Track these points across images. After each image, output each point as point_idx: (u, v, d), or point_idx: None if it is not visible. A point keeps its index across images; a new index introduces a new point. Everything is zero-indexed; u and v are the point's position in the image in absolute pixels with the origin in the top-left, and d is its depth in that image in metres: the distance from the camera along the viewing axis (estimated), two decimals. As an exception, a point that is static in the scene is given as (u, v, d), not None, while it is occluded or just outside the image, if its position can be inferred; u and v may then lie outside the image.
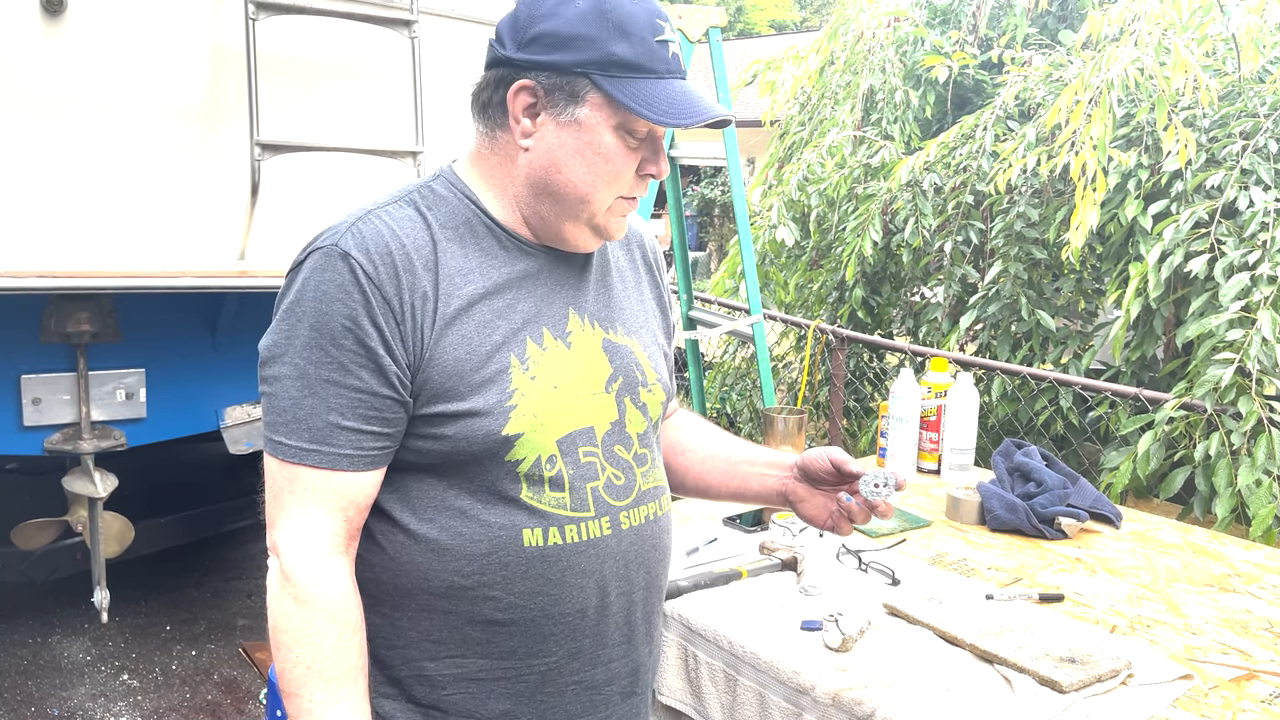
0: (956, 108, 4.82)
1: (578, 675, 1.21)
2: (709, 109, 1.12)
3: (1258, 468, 2.74)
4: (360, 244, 1.10)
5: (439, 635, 1.17)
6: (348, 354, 1.08)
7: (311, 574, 1.09)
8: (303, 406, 1.09)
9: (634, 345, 1.28)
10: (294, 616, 1.09)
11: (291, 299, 1.12)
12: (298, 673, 1.08)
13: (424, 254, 1.13)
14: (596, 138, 1.12)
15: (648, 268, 1.39)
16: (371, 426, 1.10)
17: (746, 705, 1.55)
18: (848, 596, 1.73)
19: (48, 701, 3.36)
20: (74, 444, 3.05)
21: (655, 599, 1.30)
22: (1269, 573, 1.94)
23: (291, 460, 1.10)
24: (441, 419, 1.12)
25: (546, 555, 1.15)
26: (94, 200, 2.78)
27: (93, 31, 2.67)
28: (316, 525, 1.10)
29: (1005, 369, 3.56)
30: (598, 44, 1.09)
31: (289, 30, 2.88)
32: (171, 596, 4.19)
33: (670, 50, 1.13)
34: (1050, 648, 1.48)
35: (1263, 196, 3.10)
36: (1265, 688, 1.47)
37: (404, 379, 1.11)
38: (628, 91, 1.10)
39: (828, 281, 4.86)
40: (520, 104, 1.13)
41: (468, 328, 1.13)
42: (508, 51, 1.13)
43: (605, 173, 1.14)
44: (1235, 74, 3.57)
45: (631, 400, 1.25)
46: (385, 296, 1.09)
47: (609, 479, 1.20)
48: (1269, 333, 2.80)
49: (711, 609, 1.67)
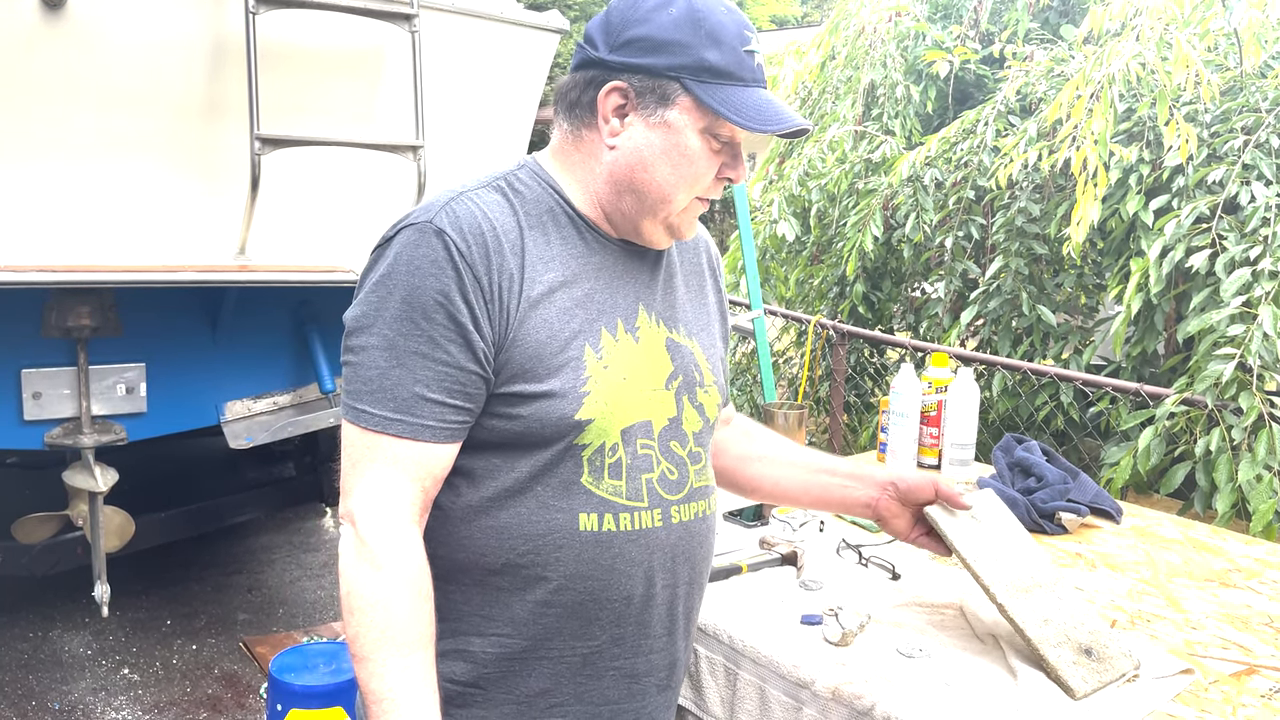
0: (958, 103, 4.81)
1: (618, 662, 1.25)
2: (791, 118, 1.17)
3: (1258, 463, 2.74)
4: (454, 222, 1.13)
5: (489, 611, 1.20)
6: (438, 328, 1.11)
7: (389, 540, 1.11)
8: (389, 377, 1.12)
9: (694, 347, 1.32)
10: (371, 582, 1.10)
11: (383, 271, 1.14)
12: (373, 636, 1.09)
13: (511, 238, 1.16)
14: (683, 139, 1.17)
15: (711, 273, 1.43)
16: (455, 400, 1.13)
17: (747, 699, 1.55)
18: (848, 591, 1.73)
19: (48, 695, 3.37)
20: (74, 438, 3.04)
21: (696, 595, 1.33)
22: (1269, 568, 1.94)
23: (374, 429, 1.12)
24: (519, 399, 1.15)
25: (600, 540, 1.19)
26: (94, 195, 2.77)
27: (92, 26, 2.66)
28: (395, 493, 1.12)
29: (1006, 364, 3.55)
30: (691, 50, 1.14)
31: (289, 24, 2.88)
32: (172, 591, 4.20)
33: (756, 60, 1.18)
34: (1073, 628, 1.48)
35: (1264, 192, 3.09)
36: (1265, 682, 1.47)
37: (489, 355, 1.14)
38: (717, 97, 1.14)
39: (828, 277, 4.86)
40: (611, 104, 1.18)
41: (549, 312, 1.16)
42: (600, 53, 1.17)
43: (688, 174, 1.19)
44: (1237, 69, 3.57)
45: (689, 399, 1.28)
46: (476, 275, 1.12)
47: (664, 473, 1.24)
48: (1270, 328, 2.79)
49: (712, 603, 1.67)
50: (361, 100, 3.11)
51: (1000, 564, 1.52)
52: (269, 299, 3.33)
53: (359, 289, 1.17)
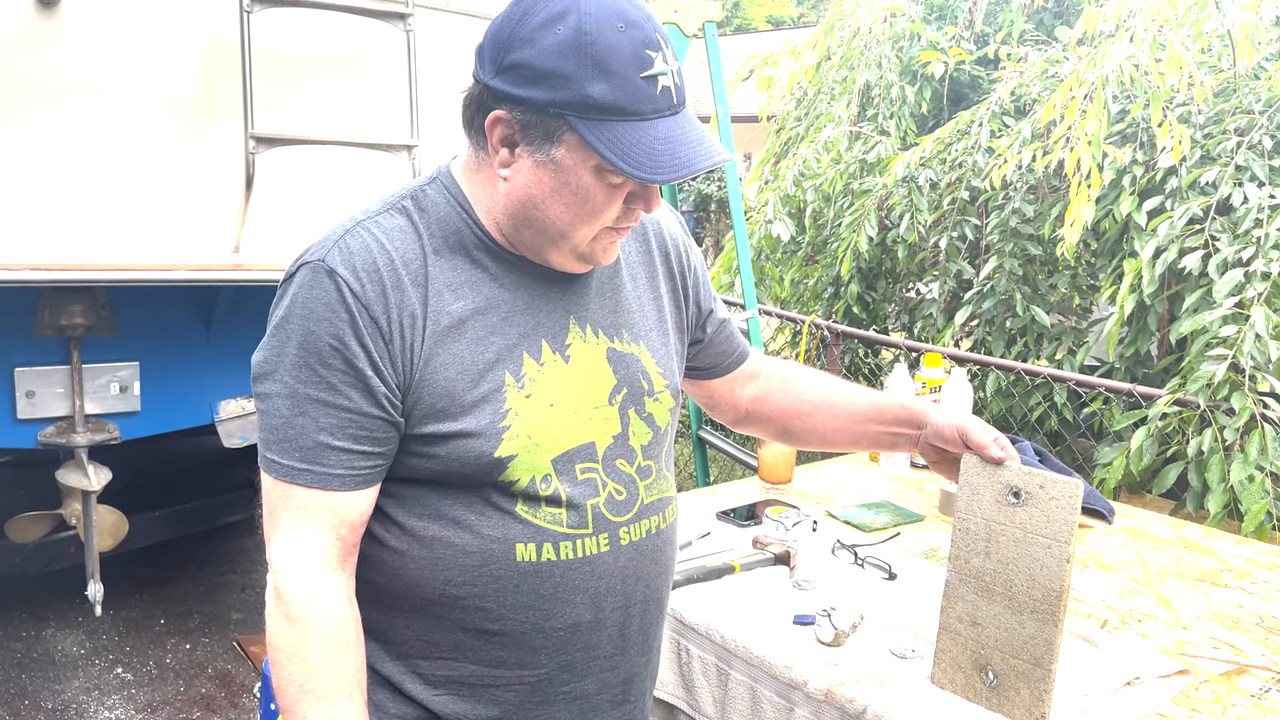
0: (952, 103, 4.82)
1: (567, 686, 1.20)
2: (692, 160, 1.03)
3: (1250, 464, 2.75)
4: (347, 260, 1.07)
5: (432, 637, 1.16)
6: (336, 374, 1.06)
7: (303, 592, 1.08)
8: (293, 425, 1.07)
9: (641, 352, 1.24)
10: (286, 635, 1.08)
11: (281, 314, 1.09)
12: (291, 690, 1.08)
13: (414, 268, 1.09)
14: (574, 179, 1.06)
15: (664, 257, 1.32)
16: (362, 446, 1.08)
17: (739, 700, 1.55)
18: (841, 591, 1.73)
19: (41, 695, 3.36)
20: (68, 437, 3.04)
21: (654, 611, 1.27)
22: (1260, 568, 1.94)
23: (284, 479, 1.09)
24: (434, 439, 1.10)
25: (539, 571, 1.13)
26: (88, 193, 2.77)
27: (86, 24, 2.65)
28: (309, 543, 1.09)
29: (1000, 364, 3.56)
30: (574, 83, 1.00)
31: (284, 23, 2.88)
32: (166, 590, 4.19)
33: (659, 85, 1.03)
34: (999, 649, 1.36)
35: (1257, 193, 3.10)
36: (1256, 682, 1.47)
37: (393, 399, 1.08)
38: (604, 138, 1.01)
39: (823, 277, 4.86)
40: (497, 135, 1.08)
41: (459, 346, 1.10)
42: (485, 75, 1.06)
43: (585, 212, 1.08)
44: (1230, 70, 3.57)
45: (636, 412, 1.22)
46: (373, 315, 1.06)
47: (610, 495, 1.18)
48: (1262, 329, 2.80)
49: (704, 603, 1.67)
50: (356, 99, 3.11)
51: (986, 551, 1.37)
52: (263, 298, 3.29)
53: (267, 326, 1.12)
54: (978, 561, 1.37)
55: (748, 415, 1.51)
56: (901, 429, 1.40)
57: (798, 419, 1.47)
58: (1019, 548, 1.33)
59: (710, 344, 1.42)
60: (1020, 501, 1.32)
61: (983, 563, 1.37)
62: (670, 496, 1.28)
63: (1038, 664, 1.31)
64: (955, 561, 1.40)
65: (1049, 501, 1.30)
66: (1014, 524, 1.33)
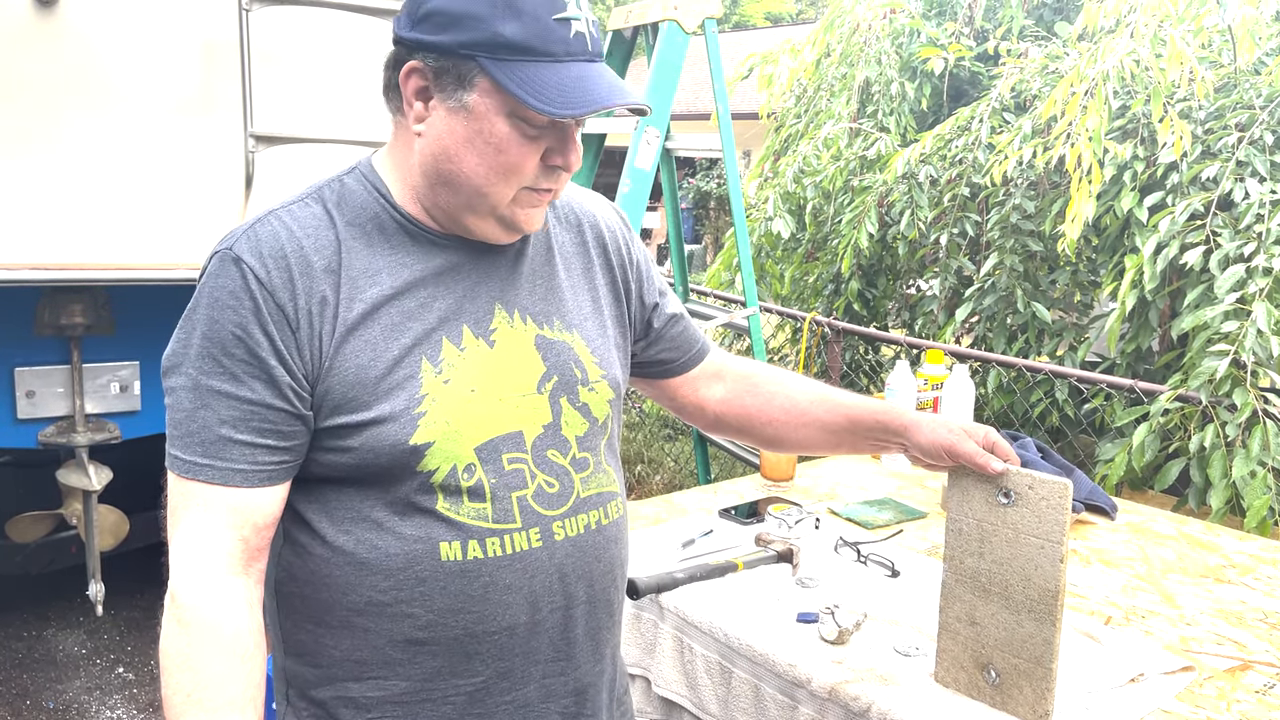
0: (952, 100, 4.81)
1: (508, 695, 1.14)
2: (603, 96, 1.02)
3: (1252, 459, 2.75)
4: (254, 247, 1.04)
5: (361, 655, 1.11)
6: (239, 364, 1.03)
7: (199, 596, 1.02)
8: (195, 419, 1.04)
9: (573, 341, 1.19)
10: (176, 640, 1.02)
11: (190, 305, 1.06)
12: (177, 700, 1.00)
13: (326, 255, 1.06)
14: (488, 125, 1.03)
15: (601, 250, 1.28)
16: (266, 440, 1.04)
17: (742, 698, 1.55)
18: (844, 589, 1.73)
19: (43, 695, 3.36)
20: (68, 437, 3.04)
21: (601, 612, 1.20)
22: (1263, 563, 1.94)
23: (185, 475, 1.04)
24: (345, 430, 1.05)
25: (466, 570, 1.08)
26: (88, 193, 2.77)
27: (85, 23, 2.65)
28: (209, 544, 1.03)
29: (1001, 361, 3.56)
30: (486, 23, 1.00)
31: (282, 21, 2.87)
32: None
33: (573, 29, 1.02)
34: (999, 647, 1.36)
35: (1258, 188, 3.10)
36: (1260, 678, 1.47)
37: (300, 390, 1.04)
38: (515, 77, 1.00)
39: (824, 274, 4.86)
40: (411, 87, 1.06)
41: (372, 332, 1.06)
42: (402, 29, 1.06)
43: (500, 163, 1.05)
44: (1231, 66, 3.57)
45: (569, 401, 1.16)
46: (279, 302, 1.03)
47: (540, 486, 1.12)
48: (1264, 324, 2.80)
49: (707, 601, 1.67)
50: (355, 97, 3.11)
51: (980, 552, 1.35)
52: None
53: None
54: (972, 562, 1.36)
55: (717, 420, 1.44)
56: (884, 438, 1.35)
57: (769, 425, 1.41)
58: (1012, 548, 1.32)
59: (660, 339, 1.36)
60: (1010, 502, 1.31)
61: (977, 563, 1.36)
62: (614, 492, 1.22)
63: (1038, 663, 1.31)
64: (950, 562, 1.39)
65: (1039, 501, 1.28)
66: (1006, 524, 1.32)
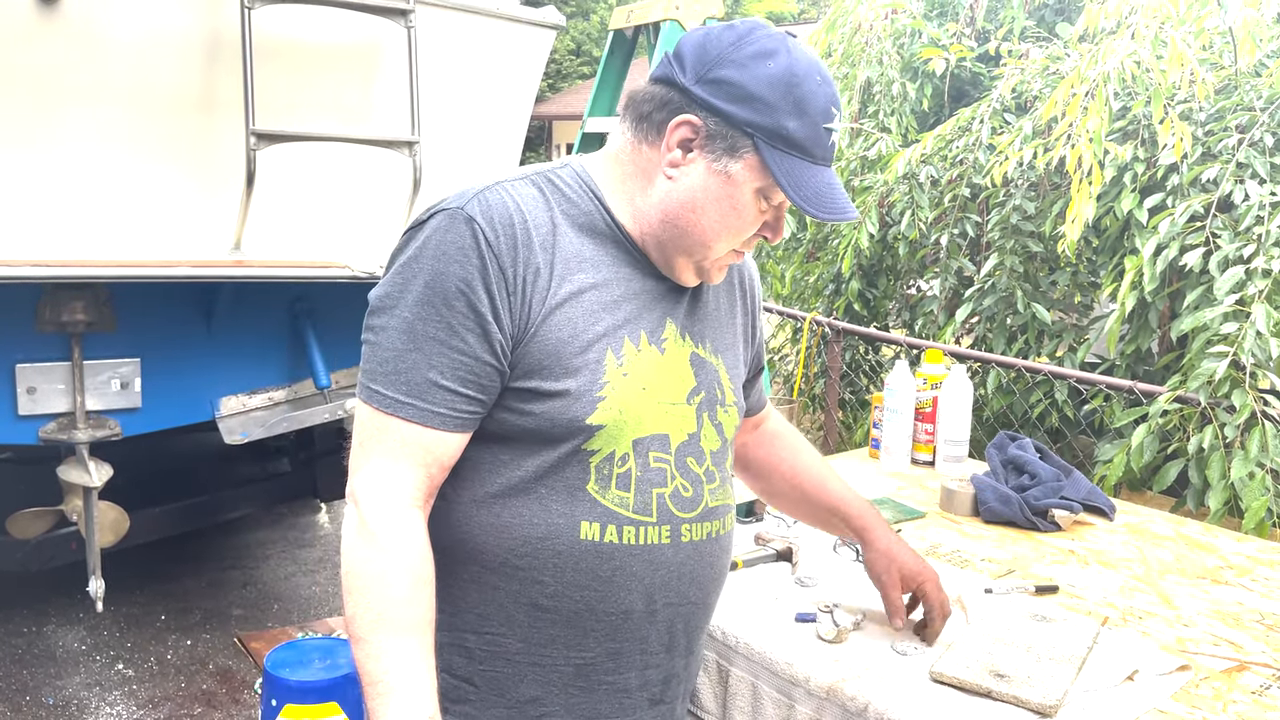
0: (953, 100, 4.81)
1: (611, 676, 1.23)
2: (845, 209, 1.16)
3: (1251, 461, 2.75)
4: (485, 211, 1.12)
5: (485, 609, 1.19)
6: (458, 315, 1.10)
7: (391, 523, 1.11)
8: (405, 359, 1.11)
9: (719, 365, 1.30)
10: (370, 563, 1.10)
11: (410, 254, 1.13)
12: (369, 618, 1.09)
13: (543, 233, 1.15)
14: (739, 194, 1.15)
15: (743, 294, 1.42)
16: (468, 390, 1.12)
17: (739, 697, 1.56)
18: (843, 588, 1.73)
19: (43, 690, 3.37)
20: (69, 433, 3.04)
21: (701, 616, 1.31)
22: (1261, 565, 1.94)
23: (385, 410, 1.12)
24: (533, 395, 1.14)
25: (600, 551, 1.17)
26: (89, 190, 2.77)
27: (87, 21, 2.65)
28: (400, 477, 1.12)
29: (1001, 362, 3.56)
30: (775, 113, 1.11)
31: (285, 19, 2.87)
32: (167, 586, 4.20)
33: (831, 139, 1.16)
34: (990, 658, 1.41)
35: (1258, 190, 3.10)
36: (1256, 679, 1.47)
37: (506, 349, 1.13)
38: (783, 168, 1.13)
39: (824, 274, 4.86)
40: (678, 136, 1.15)
41: (574, 312, 1.15)
42: (685, 81, 1.14)
43: (734, 225, 1.17)
44: (1232, 68, 3.57)
45: (709, 416, 1.26)
46: (502, 265, 1.11)
47: (677, 489, 1.22)
48: (1263, 326, 2.80)
49: (706, 600, 1.67)
50: (357, 96, 3.11)
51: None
52: (264, 294, 3.33)
53: (386, 269, 1.16)
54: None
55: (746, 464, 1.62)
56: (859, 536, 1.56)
57: (767, 481, 1.62)
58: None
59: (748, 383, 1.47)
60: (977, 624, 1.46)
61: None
62: (731, 505, 1.32)
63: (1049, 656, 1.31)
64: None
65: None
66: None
